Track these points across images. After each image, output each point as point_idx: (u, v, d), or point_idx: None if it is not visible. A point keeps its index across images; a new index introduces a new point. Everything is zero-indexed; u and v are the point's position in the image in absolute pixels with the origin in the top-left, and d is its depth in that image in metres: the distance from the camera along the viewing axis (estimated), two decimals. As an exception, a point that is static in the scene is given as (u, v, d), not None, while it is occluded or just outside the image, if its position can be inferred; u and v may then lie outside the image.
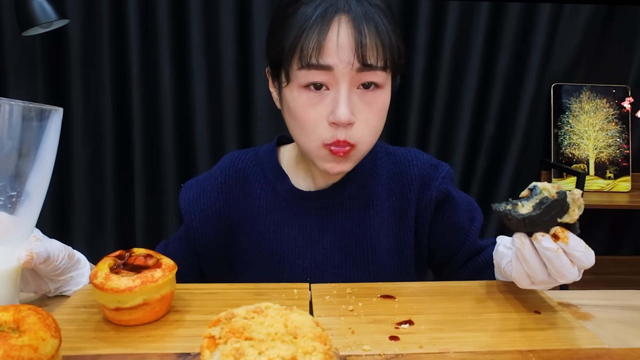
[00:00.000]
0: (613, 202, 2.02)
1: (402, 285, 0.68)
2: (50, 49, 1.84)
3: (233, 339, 0.42)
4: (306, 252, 0.78)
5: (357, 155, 0.70)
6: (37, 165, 0.52)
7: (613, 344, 0.54)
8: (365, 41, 0.63)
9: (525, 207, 0.55)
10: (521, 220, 0.55)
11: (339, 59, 0.63)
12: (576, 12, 1.99)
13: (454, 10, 1.89)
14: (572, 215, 0.54)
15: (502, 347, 0.52)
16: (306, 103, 0.66)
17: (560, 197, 0.54)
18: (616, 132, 2.14)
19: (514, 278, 0.60)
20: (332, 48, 0.63)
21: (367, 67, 0.64)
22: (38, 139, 0.51)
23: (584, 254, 0.54)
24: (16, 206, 0.52)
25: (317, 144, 0.68)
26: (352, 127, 0.66)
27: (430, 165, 0.82)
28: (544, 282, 0.57)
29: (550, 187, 0.55)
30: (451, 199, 0.81)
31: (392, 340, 0.53)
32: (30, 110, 0.50)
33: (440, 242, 0.83)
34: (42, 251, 0.56)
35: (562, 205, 0.54)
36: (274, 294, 0.64)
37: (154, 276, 0.55)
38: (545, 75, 2.01)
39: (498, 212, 0.56)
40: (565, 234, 0.54)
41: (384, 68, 0.66)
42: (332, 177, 0.79)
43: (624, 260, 2.29)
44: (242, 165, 0.82)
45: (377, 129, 0.70)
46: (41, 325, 0.44)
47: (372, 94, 0.67)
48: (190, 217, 0.80)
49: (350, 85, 0.65)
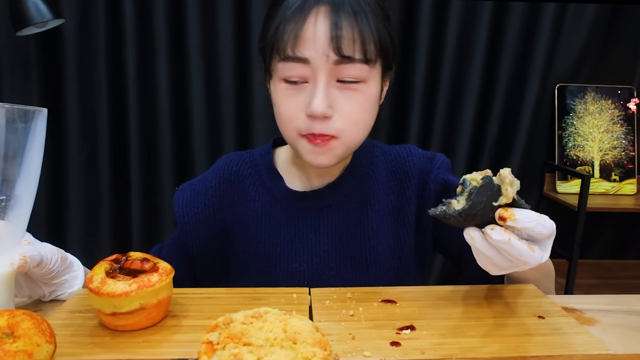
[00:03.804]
0: (618, 205, 2.01)
1: (403, 290, 0.67)
2: (45, 49, 1.84)
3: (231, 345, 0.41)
4: (303, 254, 0.77)
5: (341, 148, 0.68)
6: (24, 168, 0.51)
7: (619, 349, 0.54)
8: (342, 32, 0.62)
9: (460, 202, 0.55)
10: (458, 216, 0.54)
11: (315, 51, 0.62)
12: (581, 11, 1.98)
13: (457, 9, 1.88)
14: (507, 194, 0.53)
15: (505, 353, 0.52)
16: (285, 95, 0.67)
17: (486, 181, 0.54)
18: (621, 134, 2.12)
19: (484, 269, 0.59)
20: (308, 40, 0.62)
21: (346, 60, 0.63)
22: (24, 141, 0.51)
23: (538, 222, 0.53)
24: (6, 211, 0.51)
25: (294, 133, 0.68)
26: (330, 120, 0.66)
27: (426, 159, 0.81)
28: (510, 267, 0.56)
29: (477, 176, 0.55)
30: (451, 188, 0.79)
31: (393, 346, 0.53)
32: (13, 112, 0.50)
33: (451, 233, 0.80)
34: (35, 254, 0.56)
35: (492, 189, 0.54)
36: (272, 299, 0.64)
37: (150, 280, 0.55)
38: (550, 75, 2.00)
39: (436, 215, 0.56)
40: (509, 211, 0.53)
41: (365, 61, 0.64)
42: (327, 176, 0.78)
43: (630, 265, 2.27)
44: (236, 167, 0.82)
45: (361, 123, 0.68)
46: (36, 330, 0.44)
47: (353, 87, 0.66)
48: (183, 221, 0.79)
49: (329, 77, 0.64)
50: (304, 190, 0.78)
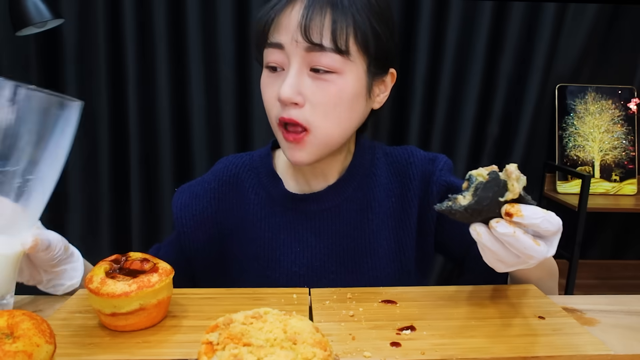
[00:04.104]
0: (619, 205, 2.01)
1: (403, 290, 0.67)
2: (44, 49, 1.84)
3: (231, 345, 0.41)
4: (302, 258, 0.76)
5: (315, 143, 0.68)
6: (51, 154, 0.53)
7: (619, 350, 0.53)
8: (311, 19, 0.63)
9: (466, 198, 0.55)
10: (464, 212, 0.54)
11: (287, 36, 0.65)
12: (581, 11, 1.98)
13: (457, 10, 1.88)
14: (513, 190, 0.53)
15: (505, 353, 0.52)
16: (266, 82, 0.69)
17: (492, 177, 0.54)
18: (622, 134, 2.12)
19: (490, 265, 0.59)
20: (283, 26, 0.65)
21: (317, 47, 0.64)
22: (55, 128, 0.53)
23: (544, 218, 0.52)
24: (26, 193, 0.53)
25: (274, 122, 0.70)
26: (301, 109, 0.66)
27: (428, 161, 0.81)
28: (517, 263, 0.56)
29: (484, 171, 0.55)
30: (454, 189, 0.79)
31: (393, 347, 0.52)
32: (50, 100, 0.52)
33: (453, 234, 0.80)
34: (45, 239, 0.58)
35: (498, 184, 0.54)
36: (272, 299, 0.63)
37: (150, 281, 0.55)
38: (550, 76, 2.00)
39: (441, 211, 0.56)
40: (516, 207, 0.53)
41: (337, 50, 0.64)
42: (326, 178, 0.78)
43: (630, 265, 2.26)
44: (236, 170, 0.81)
45: (333, 116, 0.67)
46: (35, 330, 0.44)
47: (325, 77, 0.66)
48: (181, 223, 0.79)
49: (301, 65, 0.65)
50: (303, 193, 0.78)
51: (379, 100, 0.74)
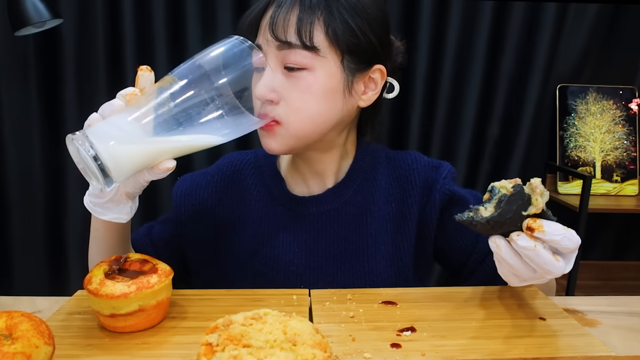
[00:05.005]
0: (620, 206, 2.00)
1: (403, 291, 0.67)
2: (43, 49, 1.83)
3: (231, 346, 0.41)
4: (301, 258, 0.76)
5: (287, 135, 0.69)
6: None
7: (620, 351, 0.53)
8: (278, 17, 0.65)
9: (487, 209, 0.55)
10: (486, 224, 0.54)
11: (263, 37, 0.68)
12: (582, 11, 1.97)
13: (457, 10, 1.88)
14: (537, 204, 0.53)
15: (506, 354, 0.51)
16: (254, 81, 0.70)
17: (517, 190, 0.54)
18: (623, 134, 2.11)
19: (504, 279, 0.59)
20: (261, 27, 0.69)
21: (286, 45, 0.65)
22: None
23: (565, 236, 0.52)
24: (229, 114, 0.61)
25: None
26: (275, 105, 0.68)
27: (431, 168, 0.80)
28: (532, 278, 0.56)
29: (507, 184, 0.55)
30: (456, 198, 0.79)
31: (393, 348, 0.52)
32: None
33: (453, 244, 0.80)
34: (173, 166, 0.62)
35: (522, 198, 0.53)
36: (272, 300, 0.63)
37: (149, 282, 0.54)
38: (551, 76, 1.99)
39: (462, 221, 0.56)
40: (538, 222, 0.53)
41: (304, 47, 0.65)
42: (326, 180, 0.78)
43: (632, 266, 2.26)
44: (240, 166, 0.82)
45: (304, 112, 0.68)
46: (34, 332, 0.44)
47: (296, 74, 0.67)
48: (180, 211, 0.80)
49: (276, 64, 0.67)
50: (303, 194, 0.78)
51: (367, 97, 0.72)
